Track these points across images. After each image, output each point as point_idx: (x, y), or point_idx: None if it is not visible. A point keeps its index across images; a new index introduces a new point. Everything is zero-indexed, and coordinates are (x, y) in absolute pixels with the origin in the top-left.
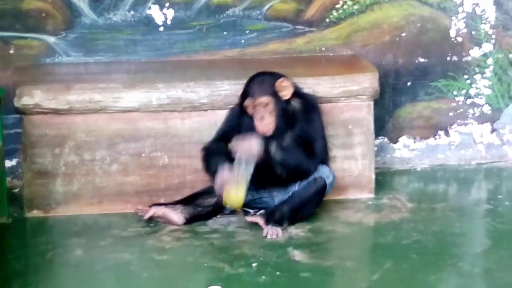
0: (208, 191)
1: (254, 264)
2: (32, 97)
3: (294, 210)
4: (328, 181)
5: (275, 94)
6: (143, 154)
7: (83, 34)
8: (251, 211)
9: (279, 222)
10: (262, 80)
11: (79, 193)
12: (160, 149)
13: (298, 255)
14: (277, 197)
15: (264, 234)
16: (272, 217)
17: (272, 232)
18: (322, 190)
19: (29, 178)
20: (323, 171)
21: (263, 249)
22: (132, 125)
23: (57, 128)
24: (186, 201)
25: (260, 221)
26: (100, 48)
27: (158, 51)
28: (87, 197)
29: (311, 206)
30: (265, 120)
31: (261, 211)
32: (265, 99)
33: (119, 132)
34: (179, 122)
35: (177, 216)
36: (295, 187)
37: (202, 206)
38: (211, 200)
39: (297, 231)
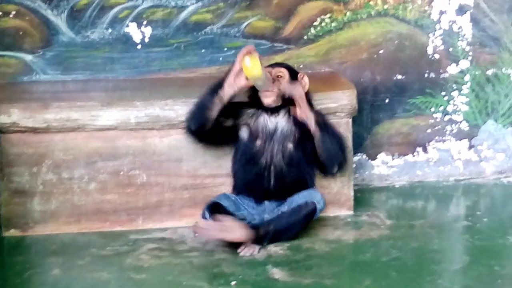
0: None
1: (233, 283)
2: (9, 115)
3: (279, 231)
4: (318, 206)
5: (292, 76)
6: (122, 172)
7: (61, 52)
8: None
9: (259, 241)
10: (286, 64)
11: (57, 212)
12: (138, 167)
13: (277, 273)
14: (266, 211)
15: (239, 251)
16: (255, 235)
17: (248, 250)
18: (311, 214)
19: (6, 197)
20: (315, 196)
21: (242, 267)
22: (110, 143)
23: (35, 147)
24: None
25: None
26: (78, 66)
27: (136, 69)
28: (65, 216)
29: (296, 229)
30: (274, 90)
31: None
32: (283, 70)
33: (97, 150)
34: (157, 140)
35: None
36: (285, 207)
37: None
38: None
39: (276, 248)
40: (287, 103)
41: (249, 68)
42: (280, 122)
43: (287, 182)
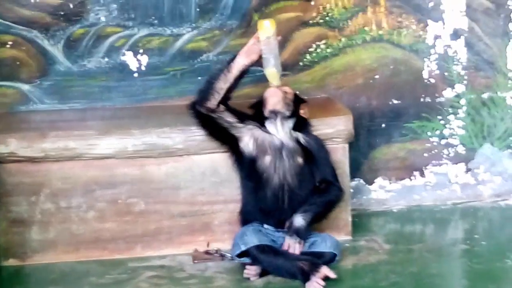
0: None
1: None
2: (7, 145)
3: None
4: (337, 258)
5: (298, 101)
6: (120, 201)
7: (58, 81)
8: (228, 254)
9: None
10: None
11: (55, 241)
12: (136, 195)
13: None
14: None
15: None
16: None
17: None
18: (327, 263)
19: (4, 226)
20: (337, 247)
21: None
22: (108, 171)
23: (33, 176)
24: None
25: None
26: (75, 95)
27: (133, 97)
28: (64, 245)
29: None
30: (281, 89)
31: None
32: (289, 90)
33: (95, 179)
34: (155, 167)
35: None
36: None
37: None
38: None
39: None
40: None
41: (267, 28)
42: (284, 137)
43: (299, 201)
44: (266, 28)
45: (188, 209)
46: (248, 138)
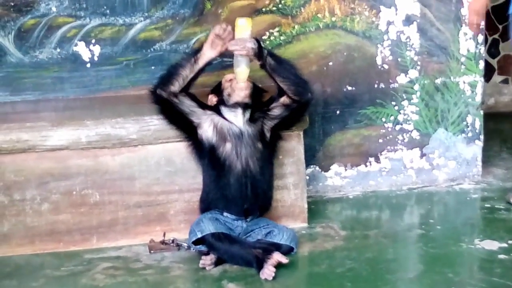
0: None
1: None
2: None
3: None
4: (292, 253)
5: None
6: (74, 192)
7: (9, 73)
8: (185, 244)
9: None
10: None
11: (9, 234)
12: (91, 186)
13: None
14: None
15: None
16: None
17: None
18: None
19: None
20: (294, 239)
21: (198, 283)
22: (62, 163)
23: None
24: None
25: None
26: (27, 86)
27: (86, 88)
28: (18, 238)
29: None
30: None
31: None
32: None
33: (49, 171)
34: (109, 158)
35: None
36: (261, 232)
37: None
38: None
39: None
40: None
41: (243, 26)
42: (243, 124)
43: (262, 188)
44: (242, 27)
45: (143, 200)
46: (208, 125)
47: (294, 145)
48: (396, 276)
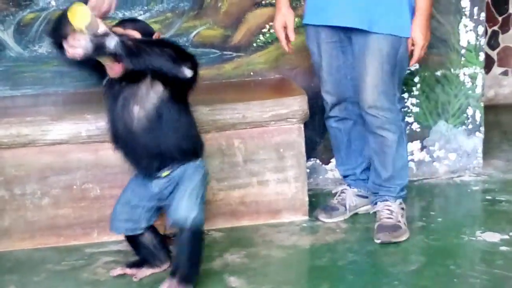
0: None
1: None
2: None
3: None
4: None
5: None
6: (75, 186)
7: (9, 67)
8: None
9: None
10: (142, 23)
11: (10, 229)
12: (91, 180)
13: (234, 281)
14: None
15: None
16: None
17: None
18: (196, 241)
19: None
20: (185, 211)
21: (199, 276)
22: (62, 157)
23: None
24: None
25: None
26: (27, 81)
27: (86, 82)
28: (19, 232)
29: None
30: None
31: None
32: (136, 33)
33: (49, 165)
34: (109, 152)
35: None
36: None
37: None
38: None
39: (232, 257)
40: None
41: (83, 14)
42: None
43: (161, 148)
44: (82, 15)
45: None
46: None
47: (294, 138)
48: (398, 268)
